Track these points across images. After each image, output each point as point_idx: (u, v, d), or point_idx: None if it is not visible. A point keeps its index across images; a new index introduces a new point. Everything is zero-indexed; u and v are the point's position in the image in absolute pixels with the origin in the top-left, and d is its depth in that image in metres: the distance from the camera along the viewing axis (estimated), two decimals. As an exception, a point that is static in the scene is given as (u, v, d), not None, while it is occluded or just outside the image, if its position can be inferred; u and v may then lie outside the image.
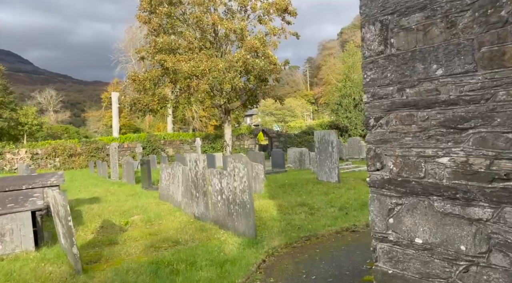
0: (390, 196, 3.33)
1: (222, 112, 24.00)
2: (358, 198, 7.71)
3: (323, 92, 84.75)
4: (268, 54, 21.12)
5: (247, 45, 20.20)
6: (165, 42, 21.12)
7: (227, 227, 5.92)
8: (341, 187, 8.93)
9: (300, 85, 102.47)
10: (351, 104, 28.33)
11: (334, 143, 9.32)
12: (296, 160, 14.08)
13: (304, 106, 68.11)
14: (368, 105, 3.50)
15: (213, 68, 19.71)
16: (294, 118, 59.07)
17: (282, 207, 7.07)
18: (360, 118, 27.80)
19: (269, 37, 23.21)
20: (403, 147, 3.23)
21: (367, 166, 3.53)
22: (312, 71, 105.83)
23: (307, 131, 29.78)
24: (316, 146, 9.98)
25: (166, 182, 8.75)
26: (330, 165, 9.53)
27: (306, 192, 8.57)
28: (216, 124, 39.94)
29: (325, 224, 5.97)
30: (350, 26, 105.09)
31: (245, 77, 22.51)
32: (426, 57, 3.04)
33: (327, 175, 9.72)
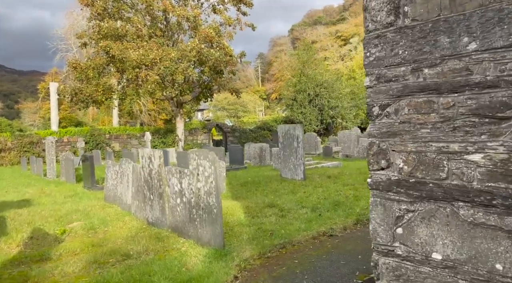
0: (399, 201, 2.66)
1: (174, 105, 22.72)
2: (328, 196, 7.20)
3: (274, 88, 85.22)
4: (223, 45, 20.23)
5: (201, 34, 19.14)
6: (110, 28, 19.38)
7: (188, 235, 5.07)
8: (308, 185, 8.40)
9: (252, 81, 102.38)
10: (306, 99, 28.25)
11: (299, 137, 8.76)
12: (256, 156, 13.42)
13: (256, 101, 67.92)
14: (371, 90, 2.83)
15: (165, 58, 18.42)
16: (247, 113, 58.65)
17: (249, 209, 6.34)
18: (314, 114, 27.85)
19: (224, 27, 22.31)
20: (418, 141, 2.57)
21: (368, 164, 2.86)
22: (263, 67, 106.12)
23: (263, 126, 29.31)
24: (280, 141, 9.36)
25: (113, 181, 7.64)
26: (295, 161, 8.97)
27: (272, 191, 7.92)
28: (166, 119, 38.22)
29: (299, 228, 5.34)
30: (301, 23, 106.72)
31: (199, 68, 21.43)
32: (454, 28, 2.38)
33: (292, 172, 9.15)
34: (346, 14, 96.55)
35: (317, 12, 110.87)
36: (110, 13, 20.96)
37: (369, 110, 2.83)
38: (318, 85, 28.02)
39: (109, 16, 20.95)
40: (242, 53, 21.74)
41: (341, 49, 75.34)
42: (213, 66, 19.59)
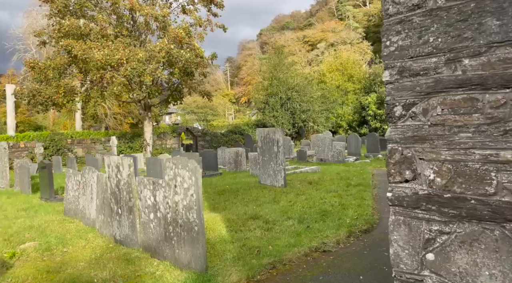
0: (429, 220, 2.14)
1: (141, 108, 21.64)
2: (313, 205, 6.72)
3: (244, 92, 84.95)
4: (194, 46, 19.48)
5: (170, 34, 18.30)
6: (72, 26, 18.13)
7: (163, 255, 4.39)
8: (290, 192, 7.90)
9: (221, 84, 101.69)
10: (278, 103, 27.92)
11: (280, 142, 8.25)
12: (231, 161, 12.79)
13: (226, 105, 67.26)
14: (392, 86, 2.31)
15: (132, 58, 17.43)
16: (216, 117, 57.87)
17: (230, 221, 5.72)
18: (287, 117, 27.56)
19: (194, 28, 21.56)
20: (456, 148, 2.05)
21: (388, 175, 2.33)
22: (232, 71, 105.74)
23: (234, 130, 28.66)
24: (259, 145, 8.82)
25: (75, 192, 6.78)
26: (275, 167, 8.45)
27: (252, 200, 7.34)
28: (133, 123, 36.75)
29: (288, 243, 4.80)
30: (269, 28, 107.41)
31: (168, 70, 20.54)
32: (506, 8, 1.90)
33: (272, 178, 8.62)
34: (313, 20, 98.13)
35: (284, 17, 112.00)
36: (72, 10, 19.67)
37: (389, 111, 2.31)
38: (290, 88, 27.81)
39: (70, 14, 19.66)
40: (214, 55, 21.07)
41: (308, 54, 76.25)
42: (183, 67, 18.78)
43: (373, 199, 7.39)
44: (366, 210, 6.32)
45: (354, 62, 34.03)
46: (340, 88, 31.20)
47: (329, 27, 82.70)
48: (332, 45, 71.81)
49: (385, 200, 7.39)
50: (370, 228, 5.51)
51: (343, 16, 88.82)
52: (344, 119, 30.47)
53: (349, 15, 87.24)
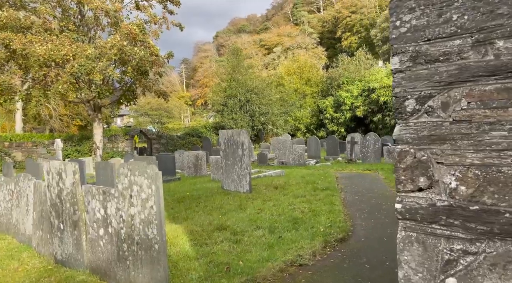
0: (450, 238, 1.71)
1: (91, 109, 20.14)
2: (283, 212, 6.26)
3: (200, 94, 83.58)
4: (149, 44, 18.43)
5: (123, 30, 17.15)
6: (10, 17, 16.42)
7: (115, 278, 3.69)
8: (256, 198, 7.38)
9: (176, 86, 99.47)
10: (236, 105, 27.38)
11: (245, 144, 7.72)
12: (190, 165, 12.02)
13: (182, 107, 65.62)
14: (403, 75, 1.88)
15: (79, 54, 16.09)
16: (172, 119, 56.16)
17: (194, 234, 5.09)
18: (246, 120, 27.10)
19: (149, 25, 20.49)
20: (486, 149, 1.63)
21: (397, 182, 1.90)
22: (188, 72, 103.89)
23: (191, 132, 27.68)
24: (222, 148, 8.22)
25: (7, 204, 5.77)
26: (240, 171, 7.90)
27: (216, 208, 6.73)
28: (81, 125, 34.46)
29: (261, 257, 4.28)
30: (225, 31, 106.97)
31: (121, 68, 19.28)
32: None
33: (236, 183, 8.06)
34: (269, 24, 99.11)
35: (240, 21, 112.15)
36: (11, 1, 17.87)
37: (399, 105, 1.87)
38: (249, 91, 27.41)
39: (9, 5, 17.85)
40: (170, 54, 20.10)
41: (265, 58, 76.71)
42: (137, 66, 17.66)
43: (343, 203, 7.09)
44: (338, 216, 5.97)
45: (311, 66, 34.43)
46: (298, 91, 31.36)
47: (285, 32, 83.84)
48: (288, 49, 72.78)
49: (355, 205, 7.14)
50: (346, 236, 5.14)
51: (298, 21, 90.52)
52: (302, 122, 30.62)
53: (304, 21, 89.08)
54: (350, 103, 27.44)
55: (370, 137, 13.97)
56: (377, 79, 25.93)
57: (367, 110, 26.57)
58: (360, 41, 68.34)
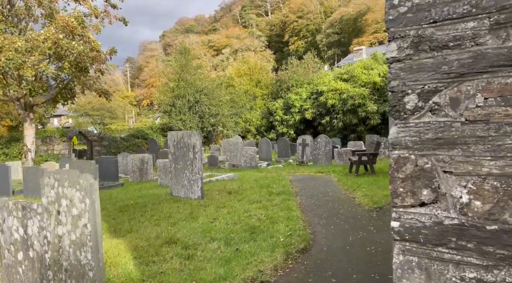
0: (459, 264, 1.36)
1: (21, 107, 18.21)
2: (239, 220, 5.79)
3: (146, 94, 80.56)
4: (89, 38, 17.07)
5: (59, 22, 15.68)
6: None
7: (39, 314, 2.99)
8: (209, 205, 6.84)
9: (120, 86, 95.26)
10: (185, 106, 26.42)
11: (197, 147, 7.14)
12: (135, 169, 11.09)
13: (126, 107, 62.66)
14: (402, 65, 1.53)
15: (7, 47, 14.43)
16: (115, 120, 53.32)
17: (139, 250, 4.44)
18: (195, 121, 26.25)
19: (89, 19, 19.02)
20: (507, 156, 1.28)
21: (393, 195, 1.55)
22: (133, 72, 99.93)
23: (136, 134, 26.21)
24: (171, 151, 7.56)
25: None
26: (191, 176, 7.30)
27: (164, 217, 6.08)
28: (12, 125, 31.34)
29: (217, 275, 3.78)
30: (173, 30, 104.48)
31: (56, 64, 17.65)
32: None
33: (187, 189, 7.45)
34: (218, 25, 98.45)
35: (188, 21, 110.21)
36: None
37: (396, 102, 1.52)
38: (198, 91, 26.61)
39: None
40: (112, 50, 18.78)
41: (213, 59, 76.03)
42: (75, 61, 16.22)
43: (300, 208, 6.80)
44: (297, 224, 5.64)
45: (261, 67, 34.39)
46: (248, 93, 31.12)
47: (233, 34, 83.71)
48: (236, 51, 72.71)
49: (312, 210, 6.89)
50: (307, 246, 4.81)
51: (247, 24, 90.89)
52: (252, 124, 30.41)
53: (252, 23, 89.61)
54: (299, 105, 27.72)
55: (321, 139, 13.99)
56: (324, 82, 26.44)
57: (315, 113, 26.99)
58: (306, 45, 70.11)
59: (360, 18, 62.65)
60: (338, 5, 74.38)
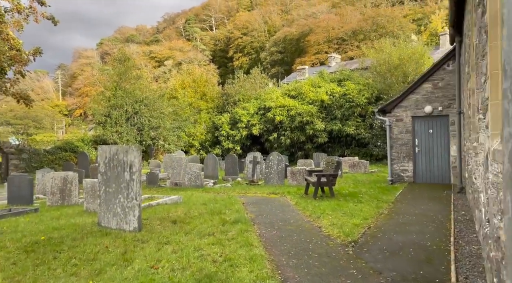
0: None
1: None
2: (188, 265, 4.45)
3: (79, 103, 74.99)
4: (8, 35, 14.64)
5: (-31, 12, 13.19)
6: None
7: None
8: (148, 240, 5.38)
9: (49, 94, 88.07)
10: (122, 117, 24.14)
11: (135, 166, 5.68)
12: (55, 190, 9.03)
13: (55, 117, 57.37)
14: None
15: None
16: (41, 130, 48.36)
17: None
18: (133, 134, 24.04)
19: (11, 15, 16.49)
20: None
21: None
22: (65, 79, 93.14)
23: (64, 147, 23.26)
24: (101, 170, 5.99)
25: None
26: (126, 202, 5.79)
27: (87, 260, 4.53)
28: None
29: None
30: (112, 38, 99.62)
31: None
32: None
33: (120, 218, 5.90)
34: (160, 37, 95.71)
35: (129, 30, 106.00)
36: None
37: None
38: (138, 101, 24.54)
39: None
40: (37, 50, 16.34)
41: (155, 70, 73.44)
42: (-12, 60, 13.74)
43: (261, 243, 5.61)
44: (263, 267, 4.45)
45: (207, 80, 33.08)
46: (192, 106, 29.57)
47: (176, 46, 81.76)
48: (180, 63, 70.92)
49: (277, 245, 5.71)
50: (283, 302, 3.63)
51: (191, 37, 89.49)
52: (196, 139, 28.82)
53: (196, 37, 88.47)
54: (247, 121, 26.85)
55: (274, 157, 13.04)
56: (272, 98, 25.91)
57: (263, 129, 26.27)
58: (251, 62, 70.42)
59: (302, 38, 64.39)
60: (281, 25, 76.10)
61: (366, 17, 55.54)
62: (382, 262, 4.73)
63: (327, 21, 61.15)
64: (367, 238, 5.87)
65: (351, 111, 23.05)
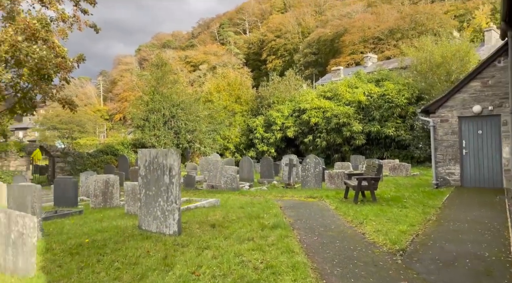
0: None
1: (-29, 118, 16.09)
2: (229, 271, 4.33)
3: (119, 108, 77.86)
4: (54, 43, 15.36)
5: (19, 23, 13.95)
6: None
7: None
8: (187, 245, 5.34)
9: (92, 99, 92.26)
10: (160, 121, 24.74)
11: (174, 169, 5.69)
12: (98, 193, 9.34)
13: (97, 121, 59.86)
14: None
15: (-45, 48, 12.53)
16: (85, 134, 50.55)
17: None
18: (170, 137, 24.57)
19: (56, 24, 17.33)
20: None
21: None
22: (106, 85, 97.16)
23: (105, 150, 24.18)
24: (142, 174, 6.06)
25: None
26: (166, 205, 5.81)
27: (129, 264, 4.54)
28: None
29: None
30: (149, 45, 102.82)
31: (15, 70, 15.77)
32: None
33: (159, 221, 5.93)
34: (195, 41, 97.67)
35: (165, 36, 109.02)
36: None
37: None
38: (175, 105, 25.06)
39: None
40: (80, 57, 17.05)
41: (190, 75, 74.85)
42: (36, 67, 14.46)
43: (303, 250, 5.41)
44: (307, 276, 4.25)
45: (241, 83, 33.27)
46: (227, 109, 29.81)
47: (211, 50, 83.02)
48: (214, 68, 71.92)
49: (319, 252, 5.48)
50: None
51: (225, 41, 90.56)
52: (231, 141, 29.00)
53: (230, 41, 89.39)
54: (281, 123, 26.66)
55: (311, 160, 12.76)
56: (307, 100, 25.54)
57: (298, 131, 25.96)
58: (284, 64, 70.14)
59: (337, 39, 63.26)
60: (315, 26, 75.24)
61: (404, 15, 53.71)
62: (435, 273, 4.39)
63: (362, 20, 59.74)
64: (416, 246, 5.51)
65: (390, 112, 22.26)
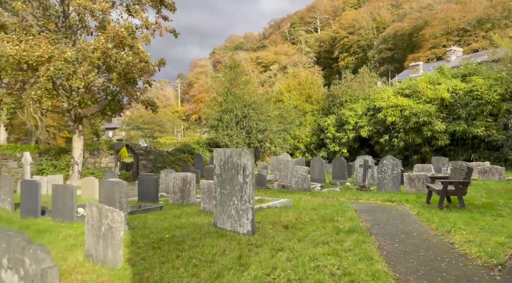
0: None
1: (71, 119, 18.05)
2: (304, 276, 4.19)
3: (195, 109, 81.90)
4: (138, 49, 16.57)
5: (109, 32, 15.30)
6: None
7: None
8: (261, 245, 5.33)
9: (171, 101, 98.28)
10: (233, 121, 25.47)
11: (248, 168, 5.73)
12: (176, 190, 9.88)
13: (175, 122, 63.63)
14: None
15: (57, 57, 14.13)
16: (164, 134, 54.04)
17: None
18: (242, 137, 25.14)
19: (140, 31, 18.70)
20: None
21: None
22: (183, 87, 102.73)
23: (183, 148, 25.56)
24: (217, 172, 6.21)
25: None
26: (240, 205, 5.88)
27: (205, 262, 4.66)
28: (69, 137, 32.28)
29: None
30: (223, 47, 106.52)
31: (105, 75, 17.36)
32: None
33: (234, 220, 6.02)
34: (266, 42, 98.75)
35: (238, 38, 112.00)
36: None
37: None
38: (247, 106, 25.58)
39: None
40: (161, 61, 18.22)
41: (261, 75, 75.76)
42: (123, 72, 15.76)
43: (384, 259, 5.05)
44: (389, 286, 3.94)
45: (312, 82, 32.80)
46: (298, 108, 29.60)
47: (282, 50, 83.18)
48: (284, 67, 71.94)
49: (401, 261, 5.08)
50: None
51: (296, 41, 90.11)
52: (301, 141, 28.74)
53: (301, 40, 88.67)
54: (354, 122, 25.70)
55: (388, 161, 12.03)
56: (383, 98, 24.25)
57: (372, 130, 24.80)
58: (357, 62, 67.59)
59: (416, 33, 59.15)
60: (391, 21, 71.25)
61: (495, 3, 48.35)
62: (545, 296, 3.78)
63: (445, 11, 55.10)
64: (518, 262, 4.83)
65: (479, 110, 20.16)
